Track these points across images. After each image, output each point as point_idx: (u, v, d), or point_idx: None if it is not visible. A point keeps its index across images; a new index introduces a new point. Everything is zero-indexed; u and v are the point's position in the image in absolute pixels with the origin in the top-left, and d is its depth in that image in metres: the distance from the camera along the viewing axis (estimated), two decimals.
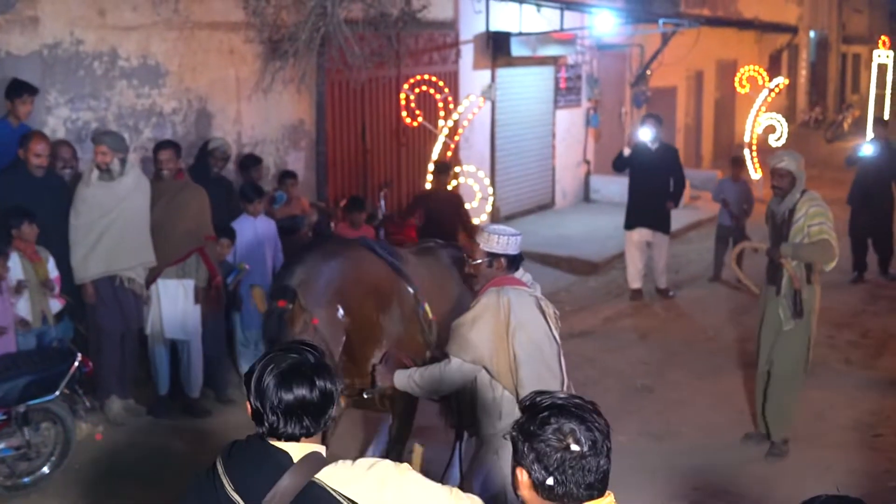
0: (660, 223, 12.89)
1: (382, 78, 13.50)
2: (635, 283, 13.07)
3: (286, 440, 3.13)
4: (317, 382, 3.13)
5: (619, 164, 13.15)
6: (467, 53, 15.42)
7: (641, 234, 12.90)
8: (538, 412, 2.83)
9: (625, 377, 9.86)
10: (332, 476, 3.10)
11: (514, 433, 2.87)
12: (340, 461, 3.17)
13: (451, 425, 5.93)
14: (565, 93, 18.31)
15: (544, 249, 14.81)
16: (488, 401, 5.37)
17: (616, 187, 17.03)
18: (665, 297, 13.10)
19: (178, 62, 10.65)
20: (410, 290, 6.58)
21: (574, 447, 2.77)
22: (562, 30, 17.05)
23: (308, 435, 3.14)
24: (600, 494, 2.83)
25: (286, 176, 10.85)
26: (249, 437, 3.22)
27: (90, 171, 8.27)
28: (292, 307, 5.77)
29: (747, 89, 20.38)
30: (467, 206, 12.36)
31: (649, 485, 7.30)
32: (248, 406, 3.18)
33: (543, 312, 5.39)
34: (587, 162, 19.29)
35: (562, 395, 2.90)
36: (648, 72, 19.61)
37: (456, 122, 12.27)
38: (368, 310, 6.31)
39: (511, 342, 5.23)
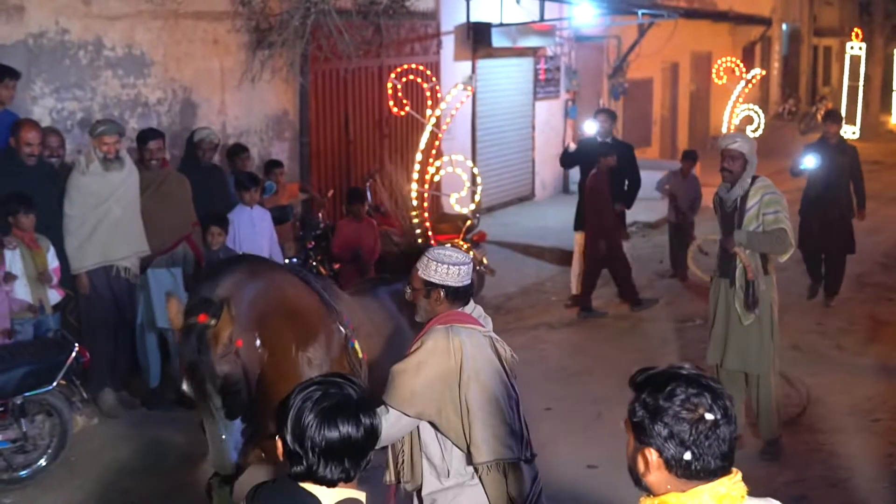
0: None
1: (365, 68, 13.44)
2: (576, 288, 12.00)
3: (323, 484, 2.87)
4: (362, 420, 2.89)
5: (566, 161, 12.37)
6: (448, 44, 15.39)
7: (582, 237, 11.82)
8: (661, 385, 2.64)
9: (619, 365, 9.77)
10: None
11: (639, 412, 2.65)
12: None
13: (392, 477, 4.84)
14: (544, 84, 18.30)
15: (526, 240, 14.96)
16: (435, 456, 4.58)
17: None
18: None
19: (162, 52, 10.54)
20: (341, 327, 5.93)
21: (708, 416, 2.60)
22: (541, 20, 17.02)
23: (347, 479, 2.89)
24: (730, 468, 2.66)
25: (273, 165, 10.77)
26: (278, 480, 2.95)
27: (87, 160, 8.15)
28: (215, 324, 5.07)
29: (724, 80, 20.41)
30: (454, 195, 12.27)
31: None
32: (279, 444, 2.91)
33: (499, 355, 4.61)
34: None
35: (678, 364, 2.73)
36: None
37: (443, 111, 12.19)
38: (286, 342, 5.69)
39: (464, 393, 4.43)
